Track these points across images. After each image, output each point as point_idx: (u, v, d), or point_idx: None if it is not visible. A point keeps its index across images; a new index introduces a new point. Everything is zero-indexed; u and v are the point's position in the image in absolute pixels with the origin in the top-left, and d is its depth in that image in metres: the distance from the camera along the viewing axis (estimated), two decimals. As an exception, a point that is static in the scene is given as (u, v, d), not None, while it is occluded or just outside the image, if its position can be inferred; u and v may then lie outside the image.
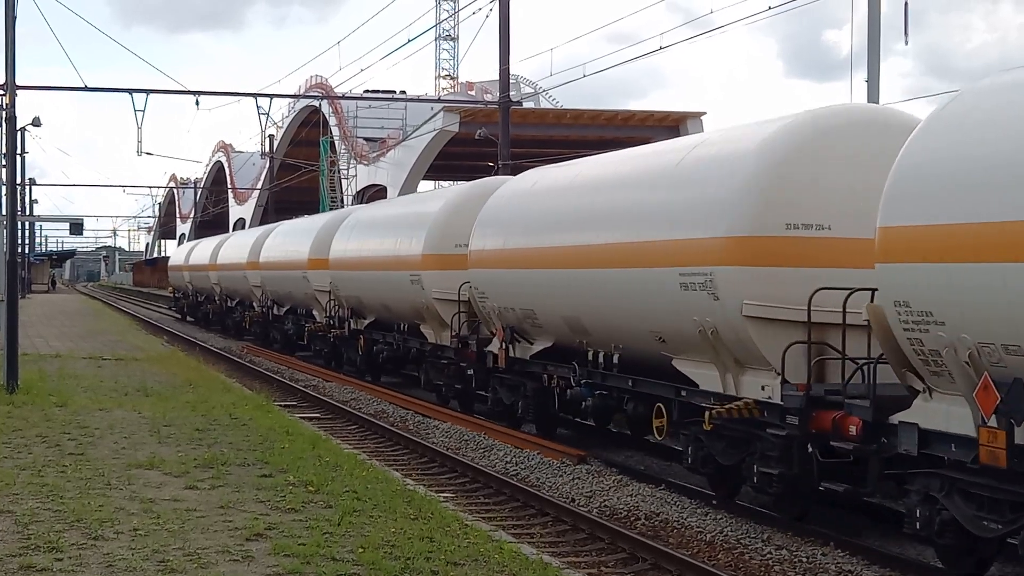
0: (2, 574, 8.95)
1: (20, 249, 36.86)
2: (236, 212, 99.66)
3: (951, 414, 9.93)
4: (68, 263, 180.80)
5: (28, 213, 74.46)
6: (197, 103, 34.15)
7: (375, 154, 65.44)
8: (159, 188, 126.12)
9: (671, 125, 55.94)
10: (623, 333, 15.47)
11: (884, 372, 10.92)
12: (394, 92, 68.95)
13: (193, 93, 33.90)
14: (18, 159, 26.60)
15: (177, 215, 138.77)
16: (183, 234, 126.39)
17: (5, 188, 23.89)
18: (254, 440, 16.03)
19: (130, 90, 33.69)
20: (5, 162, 23.63)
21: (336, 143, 71.01)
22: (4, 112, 22.51)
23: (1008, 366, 9.09)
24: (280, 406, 22.21)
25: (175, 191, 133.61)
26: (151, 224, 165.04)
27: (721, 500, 14.07)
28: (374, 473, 14.06)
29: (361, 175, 67.06)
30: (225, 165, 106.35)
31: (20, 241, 32.62)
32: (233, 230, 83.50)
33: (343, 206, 63.45)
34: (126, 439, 15.99)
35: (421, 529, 10.77)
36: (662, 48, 45.15)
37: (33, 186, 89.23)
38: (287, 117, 78.95)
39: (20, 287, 36.56)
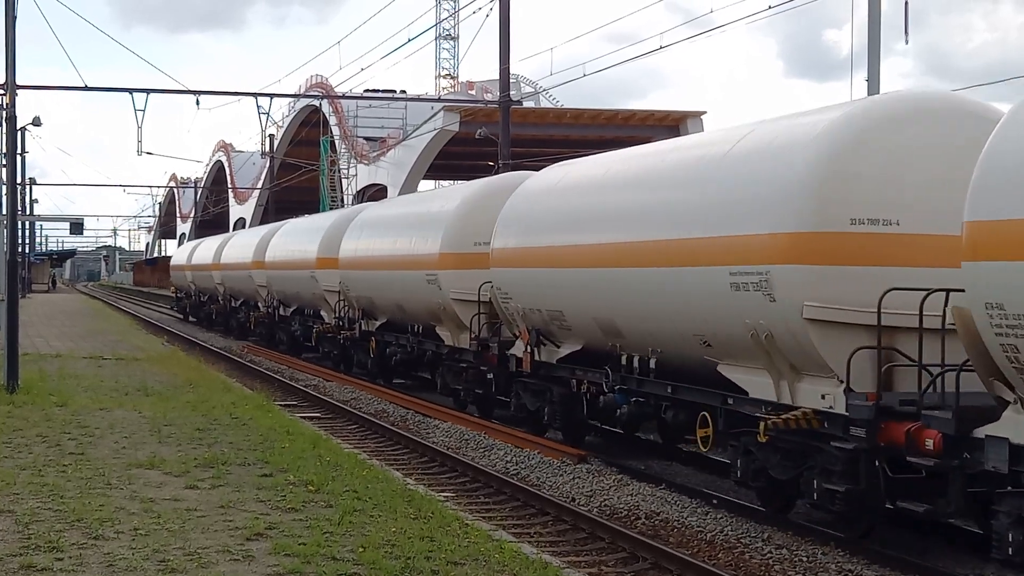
0: (3, 574, 8.95)
1: (20, 249, 36.87)
2: (236, 212, 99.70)
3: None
4: (68, 263, 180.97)
5: (28, 213, 74.46)
6: (197, 103, 34.23)
7: (375, 154, 65.48)
8: (159, 188, 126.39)
9: (671, 125, 55.97)
10: (662, 336, 14.49)
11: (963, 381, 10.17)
12: (394, 92, 68.97)
13: (193, 93, 33.93)
14: (18, 159, 26.60)
15: (177, 215, 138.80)
16: (183, 234, 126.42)
17: (5, 188, 23.91)
18: (254, 440, 16.03)
19: (130, 90, 33.72)
20: (5, 162, 23.64)
21: (336, 143, 71.04)
22: (4, 112, 22.51)
23: None
24: (280, 406, 22.22)
25: (175, 191, 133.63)
26: (151, 224, 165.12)
27: (771, 515, 13.21)
28: (374, 473, 14.06)
29: (361, 175, 67.10)
30: (225, 165, 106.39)
31: (20, 241, 32.63)
32: (233, 230, 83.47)
33: (343, 206, 63.47)
34: (126, 439, 15.99)
35: (421, 528, 10.77)
36: (662, 48, 45.25)
37: (33, 186, 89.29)
38: (287, 117, 78.97)
39: (20, 287, 36.57)
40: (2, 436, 15.91)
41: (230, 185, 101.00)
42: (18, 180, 27.27)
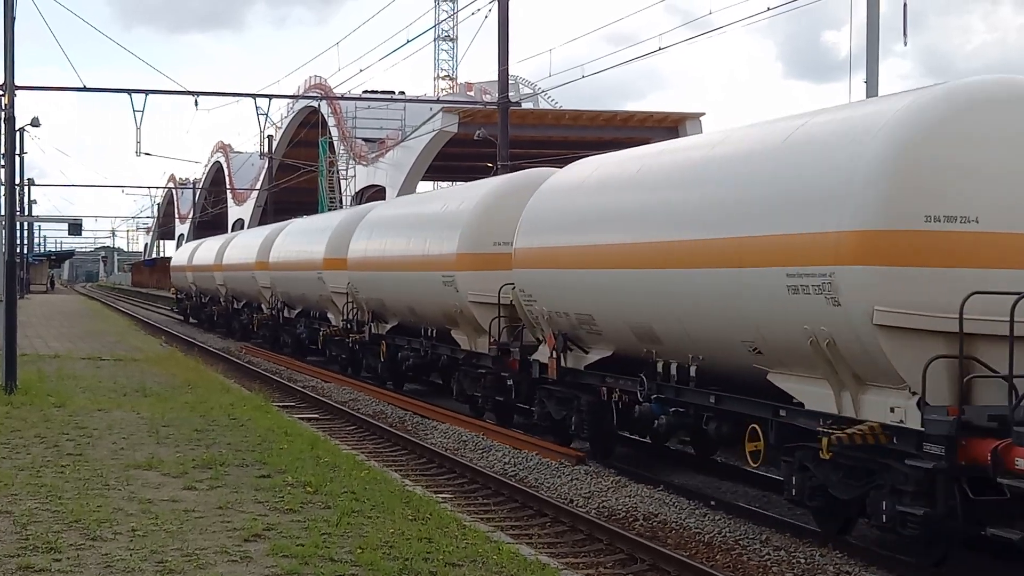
0: (1, 574, 8.96)
1: (19, 249, 36.85)
2: (235, 213, 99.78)
3: None
4: (67, 263, 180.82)
5: (27, 213, 74.51)
6: (196, 103, 34.07)
7: (374, 155, 65.54)
8: (158, 188, 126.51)
9: (670, 126, 56.07)
10: (705, 342, 13.43)
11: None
12: (393, 93, 69.11)
13: (192, 93, 33.86)
14: (17, 159, 26.60)
15: (176, 215, 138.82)
16: (182, 234, 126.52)
17: (4, 188, 23.88)
18: (253, 441, 16.03)
19: (129, 90, 33.66)
20: (4, 162, 23.62)
21: (335, 143, 71.10)
22: (3, 112, 22.51)
23: None
24: (279, 407, 22.22)
25: (174, 191, 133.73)
26: (150, 224, 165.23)
27: (829, 538, 12.26)
28: (373, 474, 14.07)
29: (360, 175, 67.16)
30: (224, 165, 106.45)
31: (19, 241, 32.61)
32: (232, 230, 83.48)
33: (342, 206, 63.50)
34: (125, 440, 15.99)
35: (419, 530, 10.78)
36: (661, 49, 45.11)
37: (32, 186, 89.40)
38: (286, 118, 79.03)
39: (19, 287, 36.56)
40: (0, 437, 15.91)
41: (229, 186, 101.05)
42: (17, 181, 27.27)
